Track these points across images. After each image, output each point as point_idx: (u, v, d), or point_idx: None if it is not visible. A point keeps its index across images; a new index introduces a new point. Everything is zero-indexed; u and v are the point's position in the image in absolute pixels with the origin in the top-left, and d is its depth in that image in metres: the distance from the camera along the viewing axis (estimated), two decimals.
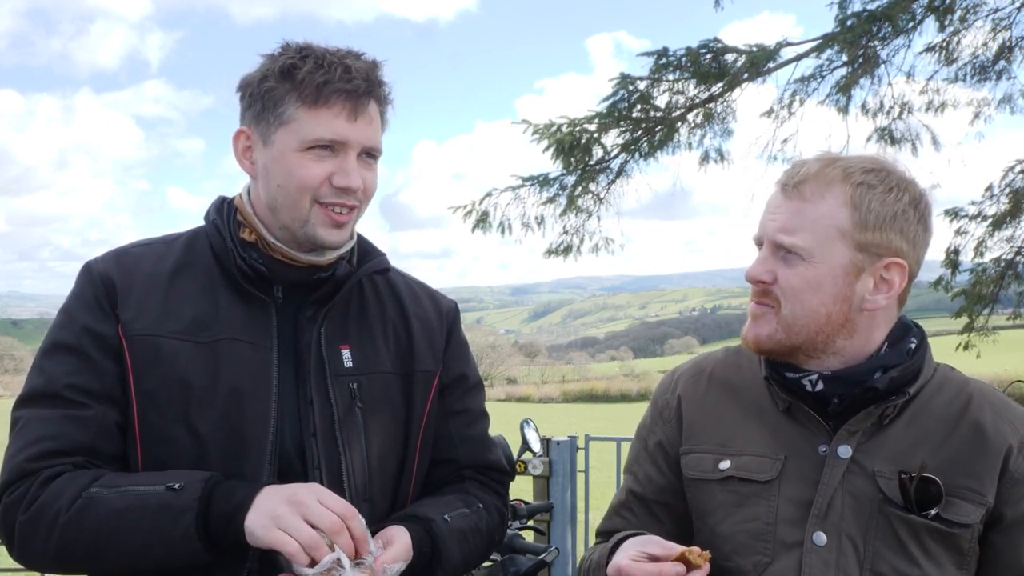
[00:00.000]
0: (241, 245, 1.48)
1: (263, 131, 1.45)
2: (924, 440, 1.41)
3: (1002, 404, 1.46)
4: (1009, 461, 1.39)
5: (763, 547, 1.43)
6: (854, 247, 1.40)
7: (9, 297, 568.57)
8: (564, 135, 8.86)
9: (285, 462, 1.43)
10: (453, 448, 1.63)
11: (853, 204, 1.39)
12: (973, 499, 1.38)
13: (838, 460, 1.42)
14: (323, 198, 1.44)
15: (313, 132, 1.41)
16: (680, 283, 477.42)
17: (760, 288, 1.44)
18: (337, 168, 1.43)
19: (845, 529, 1.39)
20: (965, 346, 11.51)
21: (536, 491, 4.79)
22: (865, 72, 9.01)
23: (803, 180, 1.41)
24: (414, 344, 1.60)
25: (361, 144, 1.44)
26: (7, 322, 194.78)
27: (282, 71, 1.42)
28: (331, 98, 1.41)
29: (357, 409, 1.49)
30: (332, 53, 1.44)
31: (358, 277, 1.55)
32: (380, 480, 1.51)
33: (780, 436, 1.48)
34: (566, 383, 51.24)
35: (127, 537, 1.31)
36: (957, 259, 11.31)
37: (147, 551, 1.30)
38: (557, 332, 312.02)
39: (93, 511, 1.31)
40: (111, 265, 1.48)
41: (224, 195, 1.60)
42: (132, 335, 1.42)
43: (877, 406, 1.42)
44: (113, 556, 1.32)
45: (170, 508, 1.30)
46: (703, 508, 1.52)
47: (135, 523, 1.30)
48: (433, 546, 1.45)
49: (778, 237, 1.41)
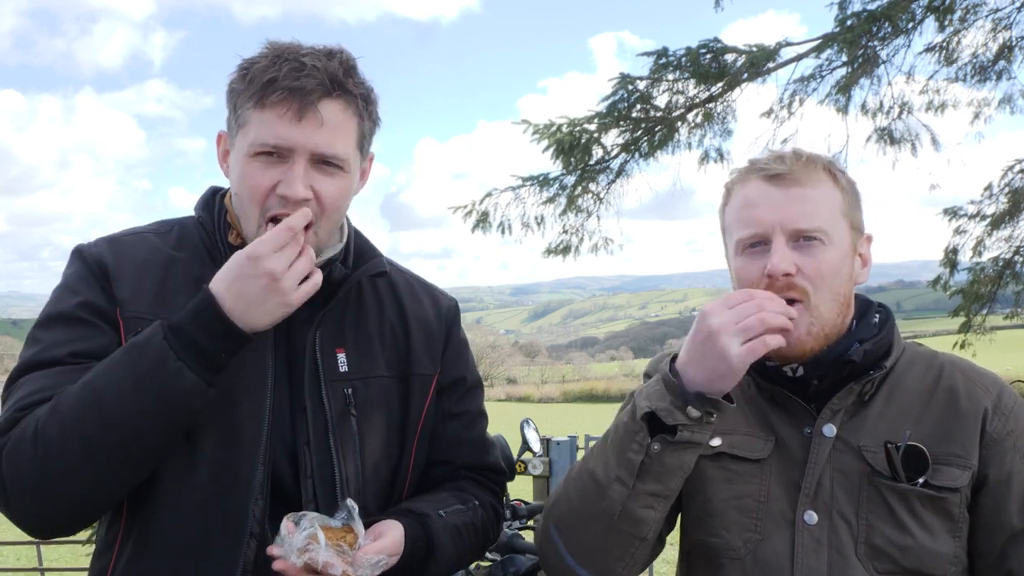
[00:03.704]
0: (229, 248, 1.44)
1: (231, 135, 1.40)
2: (904, 413, 1.44)
3: (971, 370, 1.50)
4: (987, 423, 1.43)
5: (753, 524, 1.45)
6: (849, 226, 1.46)
7: (9, 297, 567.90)
8: (564, 135, 8.85)
9: (277, 469, 1.40)
10: (450, 450, 1.62)
11: (840, 187, 1.46)
12: (958, 463, 1.41)
13: (824, 439, 1.45)
14: (271, 210, 1.34)
15: (257, 136, 1.32)
16: (680, 283, 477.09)
17: (785, 282, 1.39)
18: (282, 176, 1.33)
19: (836, 507, 1.42)
20: (962, 345, 11.50)
21: (536, 491, 4.79)
22: (865, 72, 9.00)
23: (792, 169, 1.43)
24: (412, 347, 1.58)
25: (310, 149, 1.32)
26: (7, 322, 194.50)
27: (240, 70, 1.34)
28: (273, 96, 1.30)
29: (352, 416, 1.46)
30: (294, 50, 1.33)
31: (354, 280, 1.52)
32: (374, 486, 1.49)
33: (768, 420, 1.50)
34: (566, 383, 51.22)
35: (106, 397, 1.22)
36: (955, 258, 11.30)
37: (132, 401, 1.22)
38: (557, 332, 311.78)
39: (65, 399, 1.24)
40: (104, 249, 1.44)
41: (216, 186, 1.56)
42: (128, 316, 1.38)
43: (857, 382, 1.45)
44: (103, 430, 1.22)
45: (135, 346, 1.25)
46: (693, 484, 1.51)
47: (107, 380, 1.23)
48: (427, 541, 1.44)
49: (799, 224, 1.40)
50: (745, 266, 1.45)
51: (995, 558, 1.42)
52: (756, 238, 1.44)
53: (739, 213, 1.47)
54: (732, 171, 1.57)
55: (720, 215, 1.57)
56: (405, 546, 1.39)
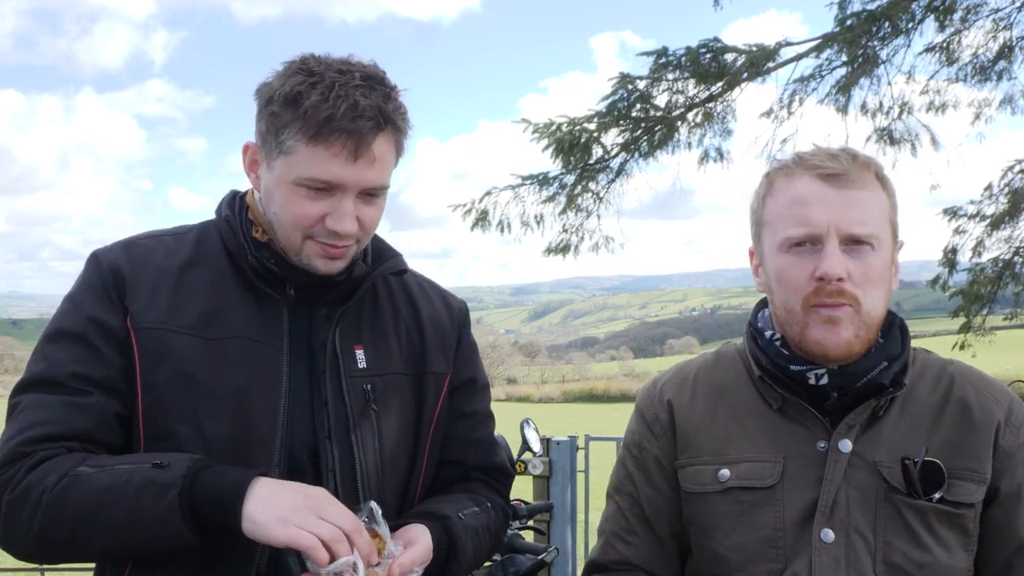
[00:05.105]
0: (254, 244, 1.45)
1: (267, 153, 1.40)
2: (917, 427, 1.42)
3: (982, 381, 1.48)
4: (999, 436, 1.41)
5: (775, 553, 1.40)
6: (892, 233, 1.43)
7: (9, 297, 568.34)
8: (564, 134, 8.86)
9: (296, 463, 1.41)
10: (461, 450, 1.63)
11: (888, 192, 1.43)
12: (973, 478, 1.39)
13: (840, 455, 1.40)
14: (316, 236, 1.39)
15: (308, 170, 1.34)
16: (680, 283, 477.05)
17: (835, 287, 1.35)
18: (331, 209, 1.36)
19: (853, 524, 1.38)
20: (961, 346, 11.50)
21: (536, 491, 4.79)
22: (865, 72, 9.00)
23: (848, 170, 1.38)
24: (426, 345, 1.59)
25: (361, 186, 1.37)
26: (7, 322, 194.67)
27: (287, 98, 1.34)
28: (331, 137, 1.32)
29: (372, 410, 1.48)
30: (344, 82, 1.34)
31: (375, 278, 1.53)
32: (392, 481, 1.50)
33: (776, 437, 1.45)
34: (566, 383, 51.20)
35: (109, 514, 1.25)
36: (955, 258, 11.30)
37: (129, 530, 1.25)
38: (557, 332, 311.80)
39: (77, 488, 1.27)
40: (120, 255, 1.44)
41: (236, 189, 1.58)
42: (141, 327, 1.38)
43: (876, 398, 1.41)
44: (94, 536, 1.27)
45: (154, 484, 1.25)
46: (705, 522, 1.47)
47: (117, 499, 1.25)
48: (450, 543, 1.44)
49: (854, 228, 1.36)
50: (792, 266, 1.39)
51: (1001, 569, 1.41)
52: (807, 238, 1.38)
53: (789, 209, 1.40)
54: (775, 162, 1.50)
55: (757, 206, 1.49)
56: (432, 553, 1.39)
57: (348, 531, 1.23)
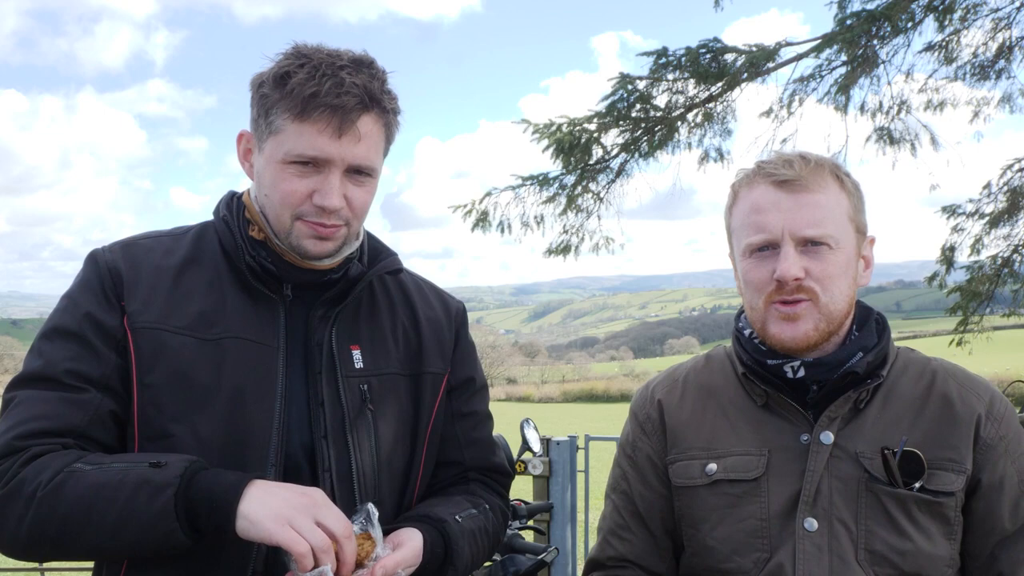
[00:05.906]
0: (251, 243, 1.46)
1: (259, 136, 1.42)
2: (899, 419, 1.46)
3: (964, 376, 1.53)
4: (980, 429, 1.45)
5: (760, 543, 1.45)
6: (854, 230, 1.48)
7: (9, 297, 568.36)
8: (564, 135, 8.87)
9: (292, 463, 1.41)
10: (459, 451, 1.63)
11: (847, 191, 1.48)
12: (953, 468, 1.43)
13: (821, 447, 1.46)
14: (304, 215, 1.40)
15: (295, 147, 1.36)
16: (680, 283, 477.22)
17: (794, 285, 1.43)
18: (319, 185, 1.38)
19: (835, 513, 1.43)
20: (958, 343, 11.50)
21: (536, 491, 4.79)
22: (864, 72, 9.01)
23: (800, 175, 1.44)
24: (423, 345, 1.59)
25: (347, 162, 1.38)
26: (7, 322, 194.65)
27: (276, 78, 1.37)
28: (315, 112, 1.34)
29: (368, 410, 1.48)
30: (331, 62, 1.37)
31: (371, 277, 1.53)
32: (389, 481, 1.50)
33: (761, 432, 1.51)
34: (566, 383, 51.21)
35: (102, 512, 1.25)
36: (952, 256, 11.31)
37: (121, 529, 1.25)
38: (557, 332, 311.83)
39: (71, 485, 1.26)
40: (118, 255, 1.45)
41: (234, 190, 1.59)
42: (137, 327, 1.38)
43: (854, 390, 1.46)
44: (85, 533, 1.26)
45: (150, 483, 1.25)
46: (694, 515, 1.53)
47: (111, 497, 1.25)
48: (446, 546, 1.44)
49: (807, 231, 1.43)
50: (754, 269, 1.47)
51: (986, 560, 1.45)
52: (766, 243, 1.45)
53: (748, 218, 1.48)
54: (739, 172, 1.57)
55: (726, 216, 1.58)
56: (424, 553, 1.40)
57: (339, 536, 1.24)
